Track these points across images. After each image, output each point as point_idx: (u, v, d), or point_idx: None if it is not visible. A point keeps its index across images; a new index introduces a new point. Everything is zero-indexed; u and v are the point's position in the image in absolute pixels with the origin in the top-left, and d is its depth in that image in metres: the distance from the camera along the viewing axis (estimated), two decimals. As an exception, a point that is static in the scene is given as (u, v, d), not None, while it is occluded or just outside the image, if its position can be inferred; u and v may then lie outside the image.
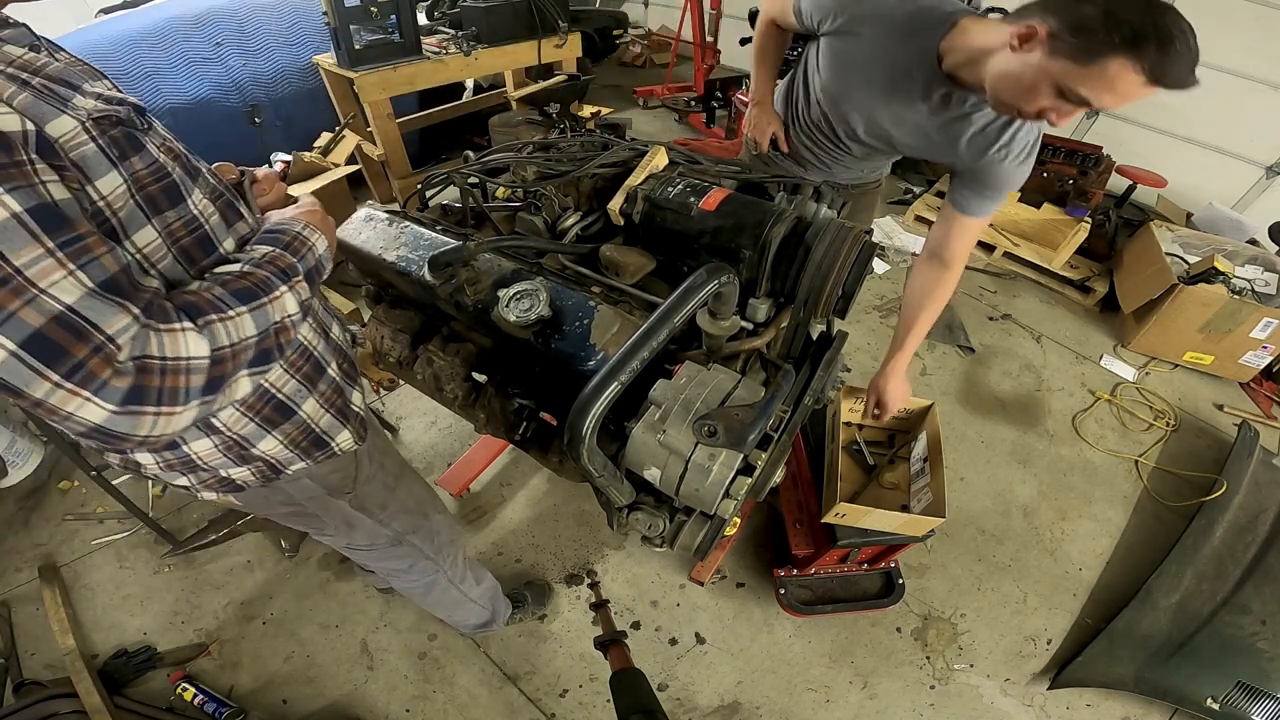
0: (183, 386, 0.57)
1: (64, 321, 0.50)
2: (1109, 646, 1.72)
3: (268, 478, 0.86)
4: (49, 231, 0.51)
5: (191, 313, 0.59)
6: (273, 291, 0.69)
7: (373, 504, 1.04)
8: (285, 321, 0.71)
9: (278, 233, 0.77)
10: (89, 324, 0.51)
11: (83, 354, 0.51)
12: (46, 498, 2.06)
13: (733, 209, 0.96)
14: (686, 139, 4.26)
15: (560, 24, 3.22)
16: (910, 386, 1.52)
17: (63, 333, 0.50)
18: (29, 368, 0.50)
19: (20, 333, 0.49)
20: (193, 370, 0.58)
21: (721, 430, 0.66)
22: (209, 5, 2.92)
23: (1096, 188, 3.20)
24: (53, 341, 0.50)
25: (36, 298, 0.50)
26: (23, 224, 0.50)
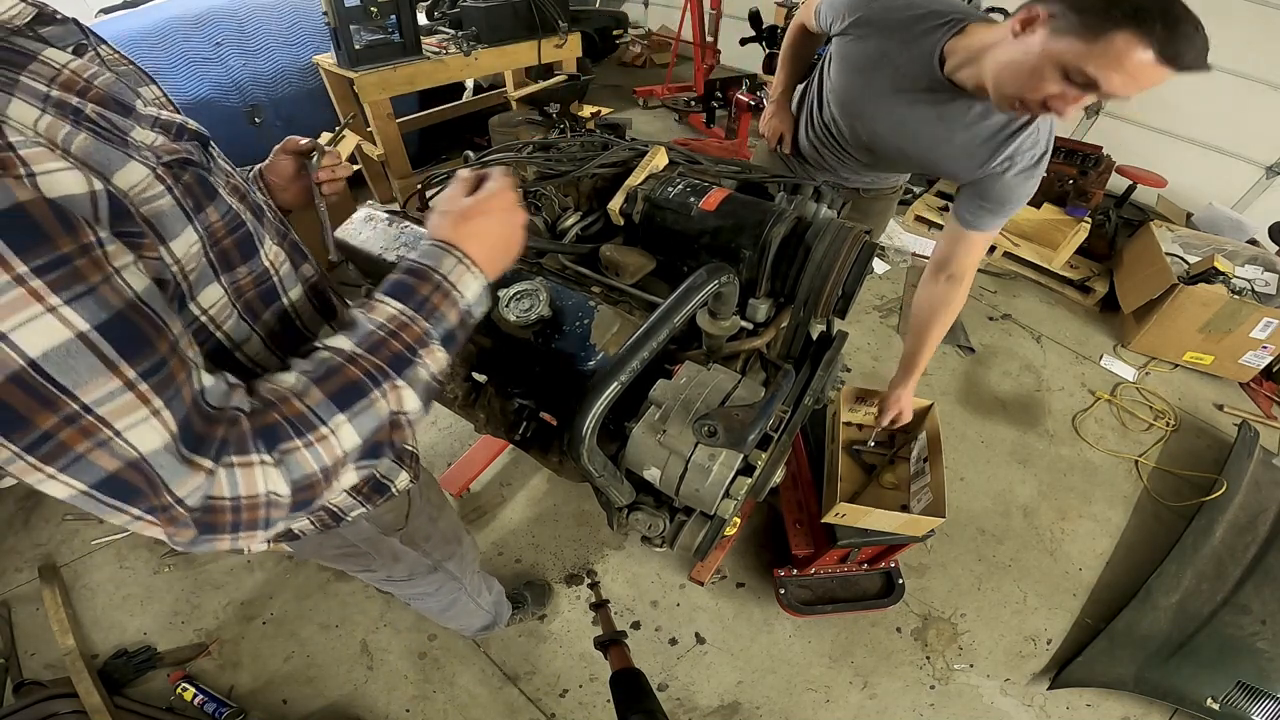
0: (261, 518, 0.49)
1: (139, 469, 0.43)
2: (1109, 646, 1.72)
3: (327, 525, 0.83)
4: (127, 355, 0.42)
5: (269, 439, 0.49)
6: (386, 383, 0.54)
7: (419, 537, 1.03)
8: (401, 420, 0.56)
9: (420, 275, 0.59)
10: (161, 482, 0.44)
11: (154, 503, 0.45)
12: (46, 498, 2.05)
13: (733, 209, 0.96)
14: (686, 139, 4.26)
15: (560, 24, 3.21)
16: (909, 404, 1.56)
17: (138, 478, 0.44)
18: (102, 504, 0.44)
19: (92, 476, 0.42)
20: (272, 505, 0.49)
21: (721, 430, 0.66)
22: (209, 5, 2.92)
23: (1096, 188, 3.20)
24: (126, 483, 0.43)
25: (110, 441, 0.42)
26: (92, 347, 0.40)
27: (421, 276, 0.59)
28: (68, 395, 0.40)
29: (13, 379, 0.38)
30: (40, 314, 0.38)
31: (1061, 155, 3.25)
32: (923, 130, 1.20)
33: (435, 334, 0.58)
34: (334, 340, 0.56)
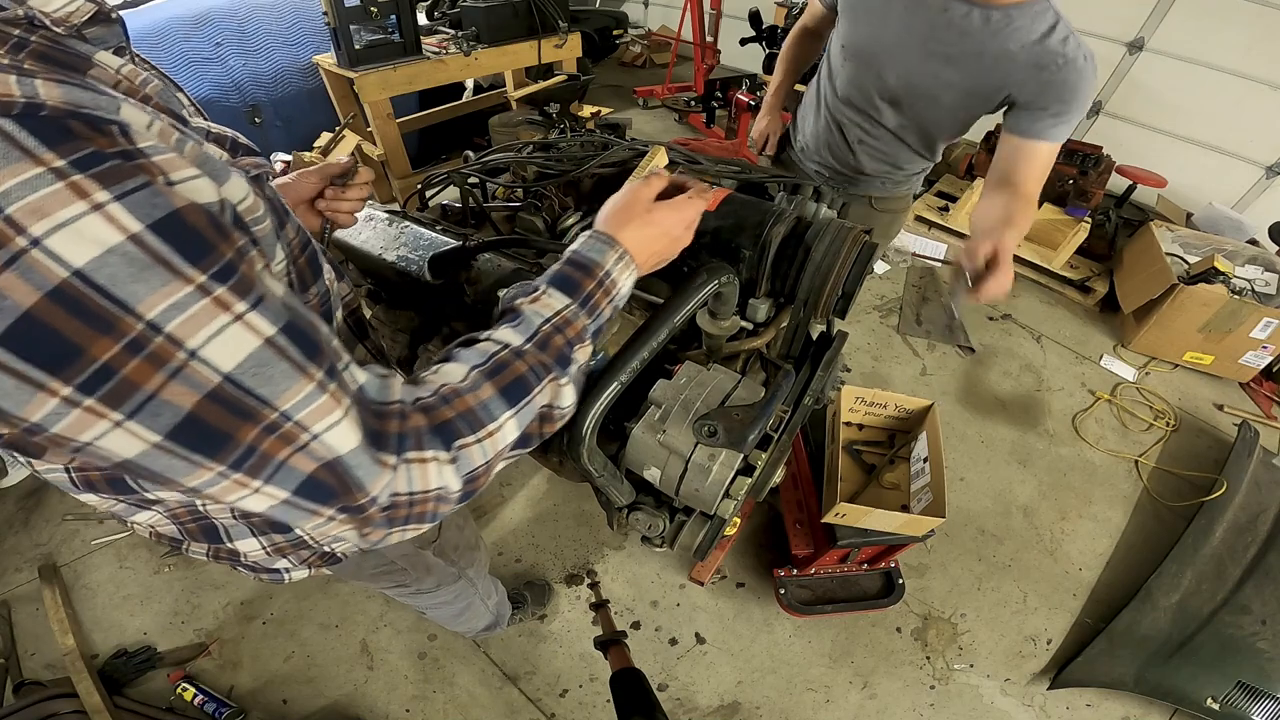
0: (430, 511, 0.50)
1: (335, 469, 0.43)
2: (1109, 646, 1.72)
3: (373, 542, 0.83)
4: (310, 356, 0.41)
5: (447, 436, 0.49)
6: (548, 378, 0.55)
7: (449, 547, 1.04)
8: (554, 413, 0.57)
9: (587, 267, 0.60)
10: (356, 481, 0.44)
11: (350, 502, 0.45)
12: (46, 498, 2.06)
13: (733, 209, 0.96)
14: (686, 139, 4.26)
15: (560, 24, 3.21)
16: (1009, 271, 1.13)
17: (334, 479, 0.44)
18: (301, 510, 0.44)
19: (293, 481, 0.42)
20: (442, 499, 0.50)
21: (721, 430, 0.66)
22: (209, 5, 2.92)
23: (1096, 188, 3.21)
24: (324, 484, 0.43)
25: (309, 444, 0.41)
26: (281, 352, 0.39)
27: (586, 271, 0.60)
28: (268, 405, 0.39)
29: (211, 397, 0.36)
30: (229, 323, 0.36)
31: (1061, 155, 3.24)
32: (951, 51, 1.15)
33: (589, 331, 0.59)
34: (501, 334, 0.56)
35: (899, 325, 2.90)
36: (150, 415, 0.35)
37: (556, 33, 3.24)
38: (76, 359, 0.32)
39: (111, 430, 0.35)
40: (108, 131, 0.33)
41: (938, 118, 1.31)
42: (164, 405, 0.35)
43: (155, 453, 0.37)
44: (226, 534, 0.69)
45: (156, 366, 0.34)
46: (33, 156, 0.30)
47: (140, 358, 0.34)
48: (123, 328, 0.33)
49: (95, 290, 0.32)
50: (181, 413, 0.36)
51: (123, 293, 0.32)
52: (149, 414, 0.35)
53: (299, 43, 3.10)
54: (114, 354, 0.33)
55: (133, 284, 0.33)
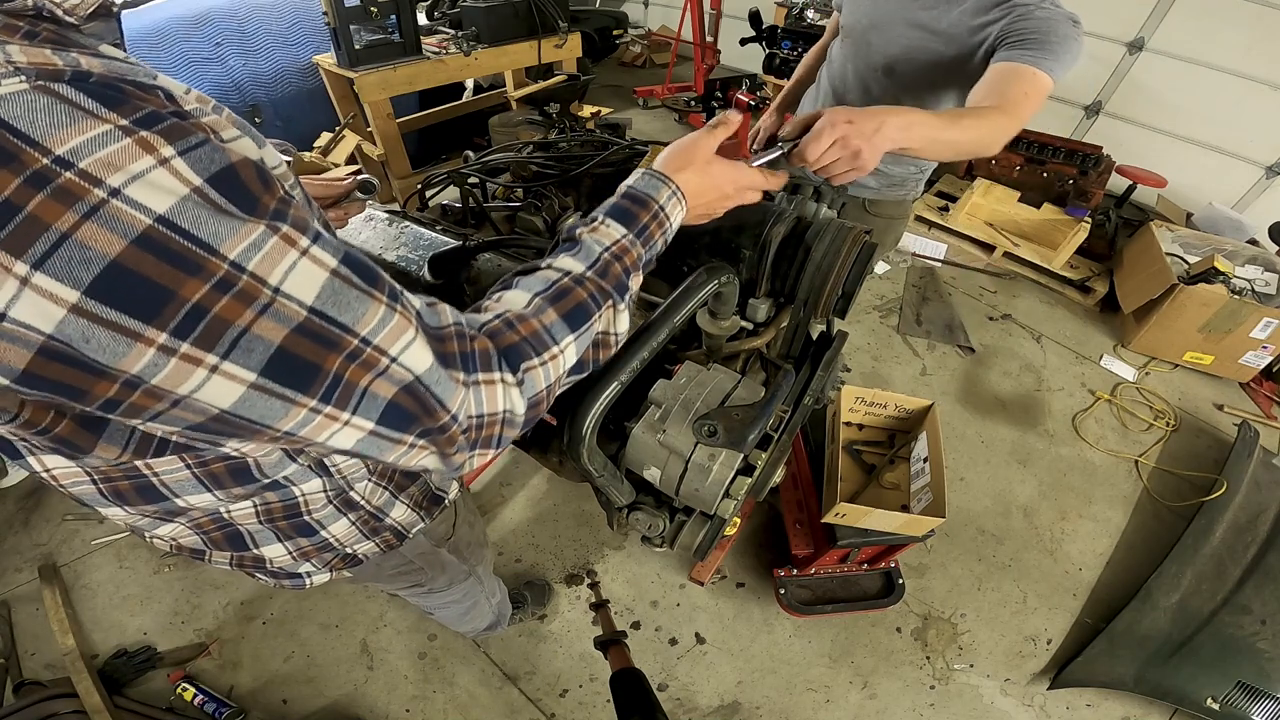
0: (497, 434, 0.51)
1: (413, 391, 0.44)
2: (1109, 646, 1.72)
3: (391, 545, 0.82)
4: (372, 283, 0.42)
5: (513, 359, 0.50)
6: (604, 304, 0.57)
7: (463, 544, 1.04)
8: (610, 339, 0.59)
9: (641, 202, 0.62)
10: (436, 399, 0.45)
11: (431, 425, 0.46)
12: (46, 498, 2.06)
13: (733, 209, 0.96)
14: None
15: (560, 24, 3.21)
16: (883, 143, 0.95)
17: (413, 402, 0.44)
18: (385, 439, 0.45)
19: (376, 410, 0.43)
20: (508, 423, 0.51)
21: (721, 430, 0.66)
22: (209, 5, 2.92)
23: (1096, 188, 3.21)
24: (404, 410, 0.44)
25: (389, 368, 0.42)
26: (348, 280, 0.40)
27: (642, 204, 0.62)
28: (349, 331, 0.40)
29: (300, 329, 0.38)
30: (299, 258, 0.38)
31: (1061, 155, 3.25)
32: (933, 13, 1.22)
33: (643, 260, 0.62)
34: (561, 261, 0.57)
35: (899, 325, 2.90)
36: (245, 352, 0.36)
37: (556, 33, 3.25)
38: (169, 302, 0.33)
39: (209, 377, 0.36)
40: (156, 95, 0.35)
41: (928, 92, 1.31)
42: (257, 341, 0.36)
43: (252, 395, 0.38)
44: (252, 540, 0.69)
45: (246, 304, 0.35)
46: (95, 115, 0.31)
47: (230, 296, 0.35)
48: (210, 268, 0.34)
49: (180, 234, 0.33)
50: (273, 347, 0.37)
51: (206, 234, 0.33)
52: (243, 351, 0.36)
53: (299, 43, 3.10)
54: (204, 294, 0.34)
55: (214, 227, 0.34)
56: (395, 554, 0.85)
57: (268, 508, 0.65)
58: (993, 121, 1.06)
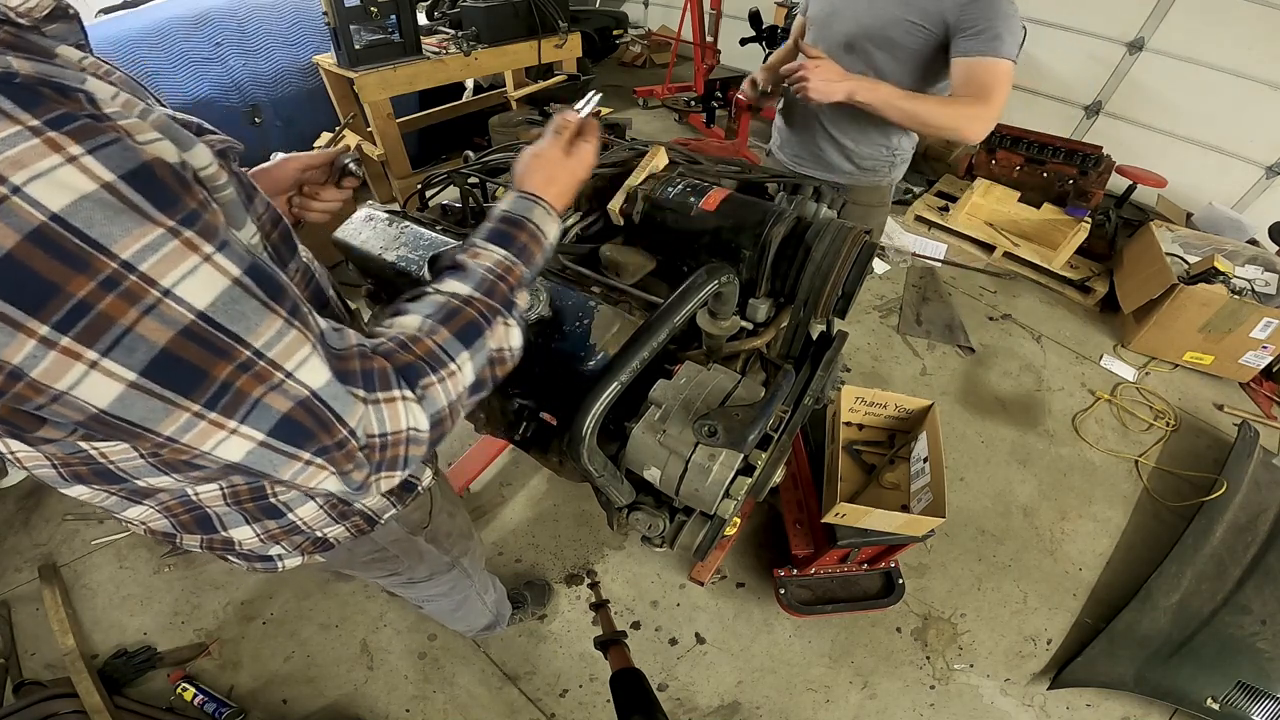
0: (403, 455, 0.52)
1: (309, 408, 0.44)
2: (1109, 646, 1.72)
3: (362, 530, 0.83)
4: (274, 297, 0.43)
5: (411, 377, 0.51)
6: (497, 320, 0.59)
7: (441, 533, 1.04)
8: (505, 355, 0.61)
9: (517, 224, 0.65)
10: (334, 415, 0.46)
11: (328, 441, 0.46)
12: (46, 498, 2.06)
13: (733, 209, 0.96)
14: (686, 139, 4.26)
15: (560, 24, 3.21)
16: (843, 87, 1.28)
17: (309, 419, 0.45)
18: (278, 453, 0.45)
19: (268, 421, 0.43)
20: (412, 441, 0.52)
21: (721, 430, 0.66)
22: (209, 5, 2.92)
23: (1096, 188, 3.21)
24: (300, 426, 0.44)
25: (283, 383, 0.43)
26: (249, 291, 0.41)
27: (519, 226, 0.66)
28: (240, 342, 0.40)
29: (185, 334, 0.38)
30: (199, 264, 0.38)
31: (1061, 155, 3.25)
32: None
33: (527, 278, 0.65)
34: (448, 285, 0.60)
35: (899, 325, 2.90)
36: (126, 351, 0.36)
37: (556, 33, 3.25)
38: (53, 297, 0.34)
39: (88, 373, 0.36)
40: (76, 98, 0.37)
41: (893, 65, 1.38)
42: (139, 340, 0.37)
43: (132, 394, 0.38)
44: (220, 522, 0.70)
45: (130, 303, 0.36)
46: (9, 117, 0.33)
47: (114, 294, 0.35)
48: (97, 266, 0.35)
49: (71, 232, 0.34)
50: (156, 348, 0.37)
51: (97, 234, 0.34)
52: (124, 350, 0.36)
53: (299, 43, 3.10)
54: (89, 291, 0.35)
55: (107, 226, 0.35)
56: (368, 540, 0.86)
57: (234, 490, 0.66)
58: (960, 108, 1.28)
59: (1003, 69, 1.26)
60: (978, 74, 1.26)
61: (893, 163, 1.59)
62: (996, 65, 1.25)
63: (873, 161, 1.57)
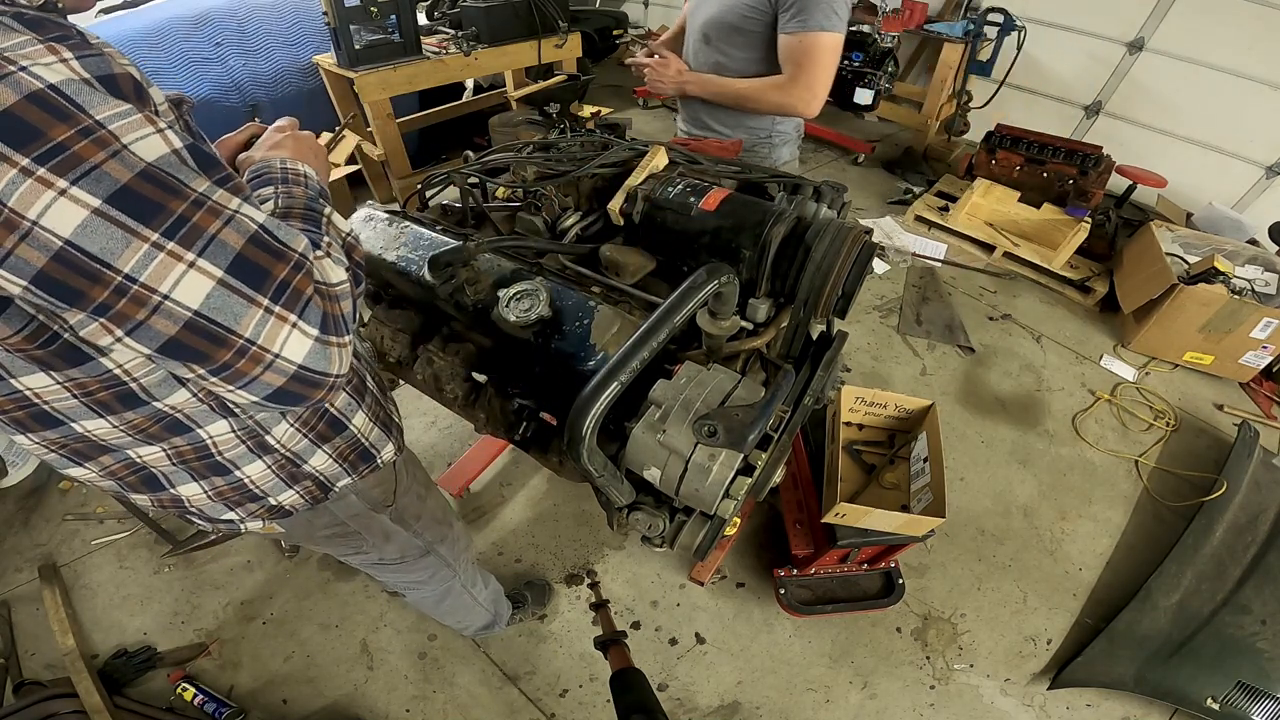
0: (341, 313, 0.56)
1: (260, 241, 0.49)
2: (1109, 646, 1.72)
3: (316, 498, 0.84)
4: (206, 168, 0.50)
5: (314, 238, 0.58)
6: (323, 212, 0.64)
7: (409, 515, 1.04)
8: (350, 240, 0.66)
9: (264, 173, 0.69)
10: (282, 243, 0.51)
11: (285, 272, 0.50)
12: (46, 498, 2.06)
13: (733, 209, 0.96)
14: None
15: (560, 24, 3.21)
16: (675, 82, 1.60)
17: (263, 253, 0.49)
18: (239, 295, 0.48)
19: (225, 257, 0.47)
20: (341, 297, 0.57)
21: (721, 430, 0.66)
22: (209, 5, 2.92)
23: (1096, 188, 3.20)
24: (256, 263, 0.49)
25: (234, 217, 0.48)
26: (185, 160, 0.48)
27: (267, 169, 0.69)
28: (187, 185, 0.47)
29: (142, 175, 0.45)
30: (152, 132, 0.46)
31: (1061, 155, 3.25)
32: None
33: (311, 190, 0.67)
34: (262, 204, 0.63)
35: (899, 325, 2.90)
36: (93, 181, 0.43)
37: (556, 33, 3.24)
38: (36, 139, 0.41)
39: (57, 199, 0.42)
40: (69, 27, 0.47)
41: (741, 51, 1.51)
42: (104, 174, 0.43)
43: (94, 221, 0.43)
44: (167, 480, 0.73)
45: (100, 147, 0.43)
46: (19, 31, 0.43)
47: (88, 139, 0.43)
48: (77, 119, 0.42)
49: (60, 96, 0.42)
50: (119, 182, 0.44)
51: (81, 100, 0.43)
52: (92, 180, 0.43)
53: (299, 43, 3.09)
54: (67, 135, 0.42)
55: (88, 97, 0.43)
56: (326, 512, 0.88)
57: (178, 451, 0.69)
58: (781, 85, 1.44)
59: (820, 41, 1.36)
60: (795, 50, 1.38)
61: (771, 143, 1.67)
62: (813, 39, 1.35)
63: (752, 140, 1.65)
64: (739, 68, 1.53)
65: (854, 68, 3.55)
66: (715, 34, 1.51)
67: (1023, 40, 3.68)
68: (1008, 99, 3.94)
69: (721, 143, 1.54)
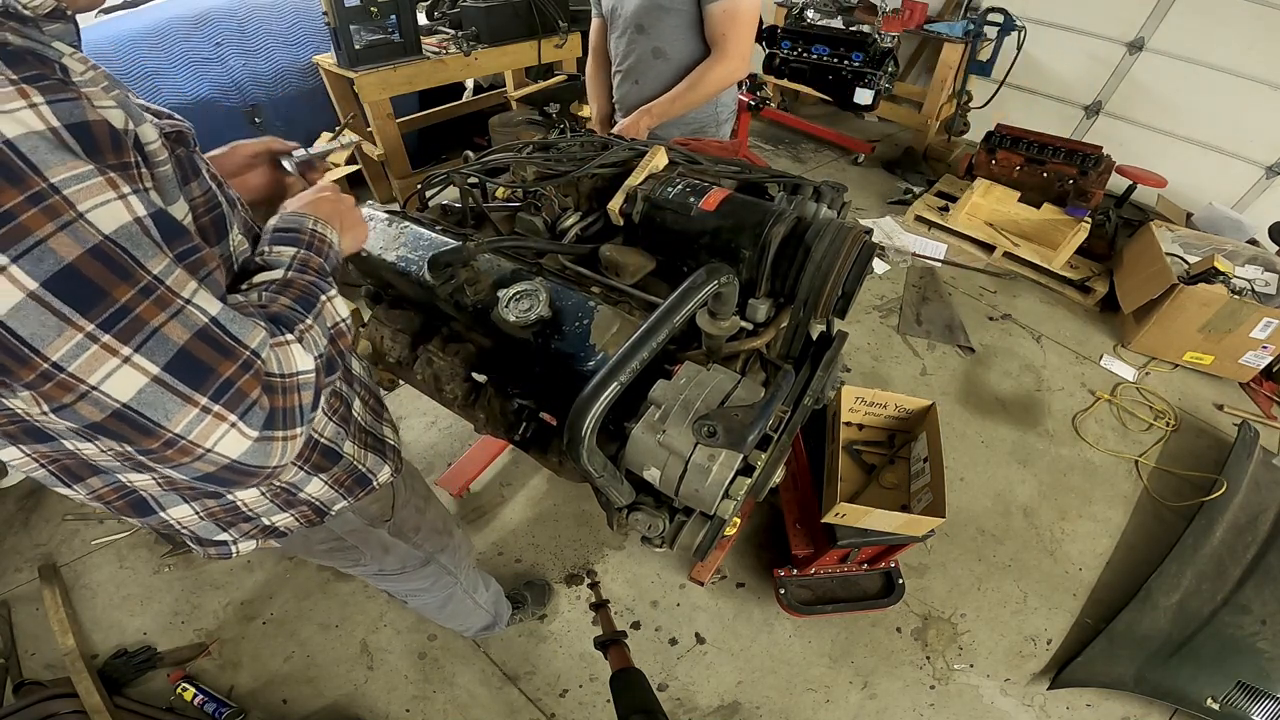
0: (298, 405, 0.53)
1: (208, 336, 0.46)
2: (1109, 646, 1.72)
3: (312, 521, 0.84)
4: (169, 240, 0.47)
5: (285, 325, 0.54)
6: (323, 295, 0.63)
7: (408, 528, 1.04)
8: (341, 327, 0.65)
9: (294, 230, 0.68)
10: (233, 339, 0.47)
11: (230, 371, 0.47)
12: (46, 498, 2.06)
13: (732, 209, 0.96)
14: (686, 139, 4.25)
15: (560, 24, 3.21)
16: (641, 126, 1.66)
17: (208, 349, 0.46)
18: (174, 393, 0.45)
19: (165, 353, 0.44)
20: (303, 387, 0.53)
21: (721, 431, 0.66)
22: (209, 5, 2.92)
23: (1096, 188, 3.20)
24: (199, 360, 0.45)
25: (183, 309, 0.45)
26: (147, 231, 0.45)
27: (298, 229, 0.68)
28: (142, 266, 0.44)
29: (93, 251, 0.42)
30: (114, 199, 0.44)
31: (1061, 155, 3.25)
32: None
33: (328, 268, 0.67)
34: (261, 277, 0.62)
35: (899, 325, 2.90)
36: (34, 261, 0.40)
37: (556, 33, 3.24)
38: None
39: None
40: (51, 65, 0.46)
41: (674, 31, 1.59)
42: (48, 252, 0.41)
43: (29, 305, 0.41)
44: (157, 504, 0.71)
45: (49, 217, 0.41)
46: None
47: (37, 208, 0.40)
48: (29, 183, 0.40)
49: (15, 154, 0.40)
50: (62, 262, 0.41)
51: (37, 160, 0.41)
52: (33, 259, 0.40)
53: (299, 43, 3.10)
54: (15, 203, 0.39)
55: (45, 155, 0.41)
56: (323, 529, 0.87)
57: (168, 479, 0.68)
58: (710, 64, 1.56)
59: (738, 8, 1.46)
60: (722, 20, 1.48)
61: (718, 120, 1.78)
62: (735, 5, 1.45)
63: (702, 123, 1.76)
64: (674, 46, 1.62)
65: (854, 68, 3.55)
66: (648, 21, 1.59)
67: (1023, 40, 3.68)
68: (1008, 99, 3.95)
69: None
